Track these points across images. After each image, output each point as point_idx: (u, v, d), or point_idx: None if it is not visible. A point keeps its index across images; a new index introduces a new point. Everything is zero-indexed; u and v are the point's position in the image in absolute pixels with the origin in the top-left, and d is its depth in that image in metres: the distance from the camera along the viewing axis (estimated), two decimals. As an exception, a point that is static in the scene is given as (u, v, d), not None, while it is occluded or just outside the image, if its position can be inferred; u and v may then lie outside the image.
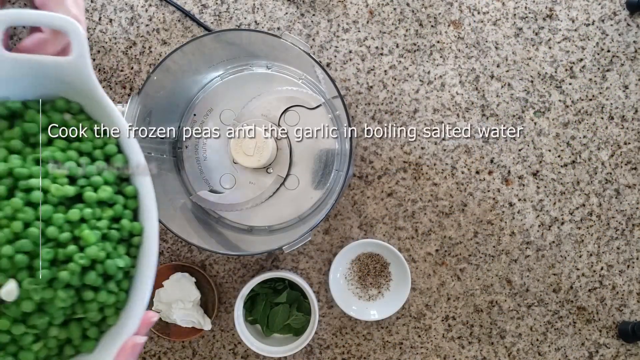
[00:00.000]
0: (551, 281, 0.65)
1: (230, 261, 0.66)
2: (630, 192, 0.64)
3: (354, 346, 0.65)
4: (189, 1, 0.65)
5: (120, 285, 0.39)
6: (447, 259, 0.65)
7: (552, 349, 0.65)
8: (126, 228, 0.39)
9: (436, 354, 0.65)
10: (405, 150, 0.64)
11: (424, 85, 0.64)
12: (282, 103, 0.59)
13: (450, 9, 0.64)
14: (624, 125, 0.64)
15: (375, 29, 0.64)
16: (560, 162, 0.64)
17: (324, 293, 0.65)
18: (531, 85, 0.64)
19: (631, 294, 0.65)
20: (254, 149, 0.57)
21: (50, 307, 0.36)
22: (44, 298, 0.36)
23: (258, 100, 0.60)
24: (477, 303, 0.65)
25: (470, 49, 0.64)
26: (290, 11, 0.64)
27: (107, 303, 0.38)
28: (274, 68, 0.61)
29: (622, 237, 0.65)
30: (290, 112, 0.61)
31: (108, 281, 0.38)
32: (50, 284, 0.36)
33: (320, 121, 0.59)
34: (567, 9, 0.64)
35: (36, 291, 0.35)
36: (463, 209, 0.65)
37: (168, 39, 0.65)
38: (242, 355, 0.66)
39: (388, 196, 0.65)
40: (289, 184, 0.60)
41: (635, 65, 0.64)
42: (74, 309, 0.38)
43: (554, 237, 0.65)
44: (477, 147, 0.64)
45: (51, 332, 0.37)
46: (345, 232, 0.65)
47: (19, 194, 0.35)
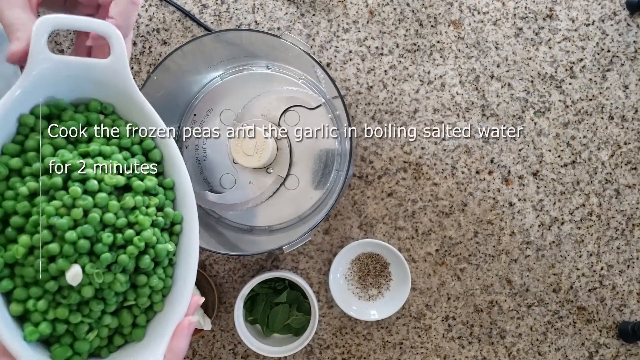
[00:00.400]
0: (551, 281, 0.65)
1: (230, 261, 0.66)
2: (630, 192, 0.64)
3: (354, 346, 0.66)
4: (189, 1, 0.65)
5: (166, 272, 0.41)
6: (447, 259, 0.65)
7: (552, 349, 0.65)
8: (170, 216, 0.41)
9: (436, 354, 0.65)
10: (405, 150, 0.64)
11: (424, 85, 0.64)
12: (282, 103, 0.59)
13: (450, 9, 0.64)
14: (624, 125, 0.64)
15: (375, 29, 0.64)
16: (560, 162, 0.64)
17: (324, 293, 0.65)
18: (531, 85, 0.64)
19: (631, 294, 0.65)
20: (254, 149, 0.57)
21: (107, 293, 0.38)
22: (104, 282, 0.37)
23: (258, 100, 0.60)
24: (477, 303, 0.65)
25: (470, 49, 0.64)
26: (290, 11, 0.64)
27: (157, 288, 0.40)
28: (274, 68, 0.61)
29: (622, 237, 0.65)
30: (290, 112, 0.61)
31: (157, 267, 0.40)
32: (109, 269, 0.38)
33: (320, 121, 0.59)
34: (567, 9, 0.64)
35: (98, 275, 0.37)
36: (463, 208, 0.65)
37: (168, 39, 0.65)
38: (242, 355, 0.66)
39: (388, 196, 0.65)
40: (289, 184, 0.60)
41: (635, 65, 0.64)
42: (126, 296, 0.40)
43: (554, 237, 0.65)
44: (477, 147, 0.64)
45: (104, 320, 0.39)
46: (345, 232, 0.65)
47: (75, 184, 0.37)
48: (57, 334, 0.38)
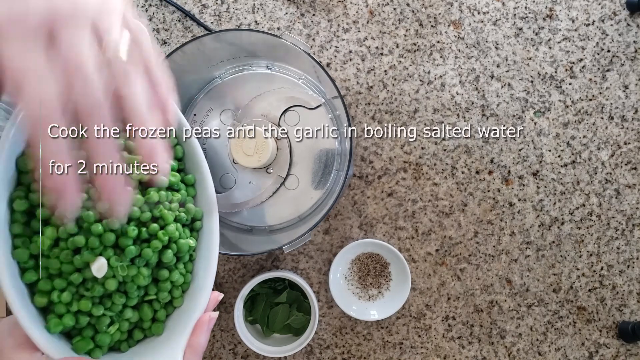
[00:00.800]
0: (551, 281, 0.65)
1: (230, 261, 0.66)
2: (630, 192, 0.64)
3: (354, 346, 0.65)
4: (189, 1, 0.65)
5: (187, 267, 0.42)
6: (447, 259, 0.65)
7: (552, 349, 0.65)
8: (191, 212, 0.42)
9: (436, 354, 0.65)
10: (405, 150, 0.64)
11: (424, 85, 0.64)
12: (282, 103, 0.59)
13: (450, 9, 0.64)
14: (624, 125, 0.64)
15: (375, 29, 0.64)
16: (560, 162, 0.64)
17: (324, 293, 0.65)
18: (531, 85, 0.64)
19: (631, 294, 0.65)
20: (254, 149, 0.57)
21: (130, 287, 0.38)
22: (127, 276, 0.38)
23: (258, 100, 0.60)
24: (477, 303, 0.65)
25: (470, 49, 0.64)
26: (290, 11, 0.64)
27: (177, 283, 0.41)
28: (274, 68, 0.61)
29: (622, 237, 0.65)
30: (290, 112, 0.61)
31: (178, 262, 0.41)
32: (132, 262, 0.38)
33: (320, 121, 0.59)
34: (567, 9, 0.64)
35: (122, 268, 0.38)
36: (463, 208, 0.65)
37: (168, 39, 0.65)
38: (242, 355, 0.66)
39: (388, 196, 0.65)
40: (289, 184, 0.60)
41: (635, 65, 0.64)
42: (147, 290, 0.40)
43: (554, 237, 0.65)
44: (477, 147, 0.64)
45: (126, 314, 0.39)
46: (345, 232, 0.65)
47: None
48: (79, 326, 0.38)
